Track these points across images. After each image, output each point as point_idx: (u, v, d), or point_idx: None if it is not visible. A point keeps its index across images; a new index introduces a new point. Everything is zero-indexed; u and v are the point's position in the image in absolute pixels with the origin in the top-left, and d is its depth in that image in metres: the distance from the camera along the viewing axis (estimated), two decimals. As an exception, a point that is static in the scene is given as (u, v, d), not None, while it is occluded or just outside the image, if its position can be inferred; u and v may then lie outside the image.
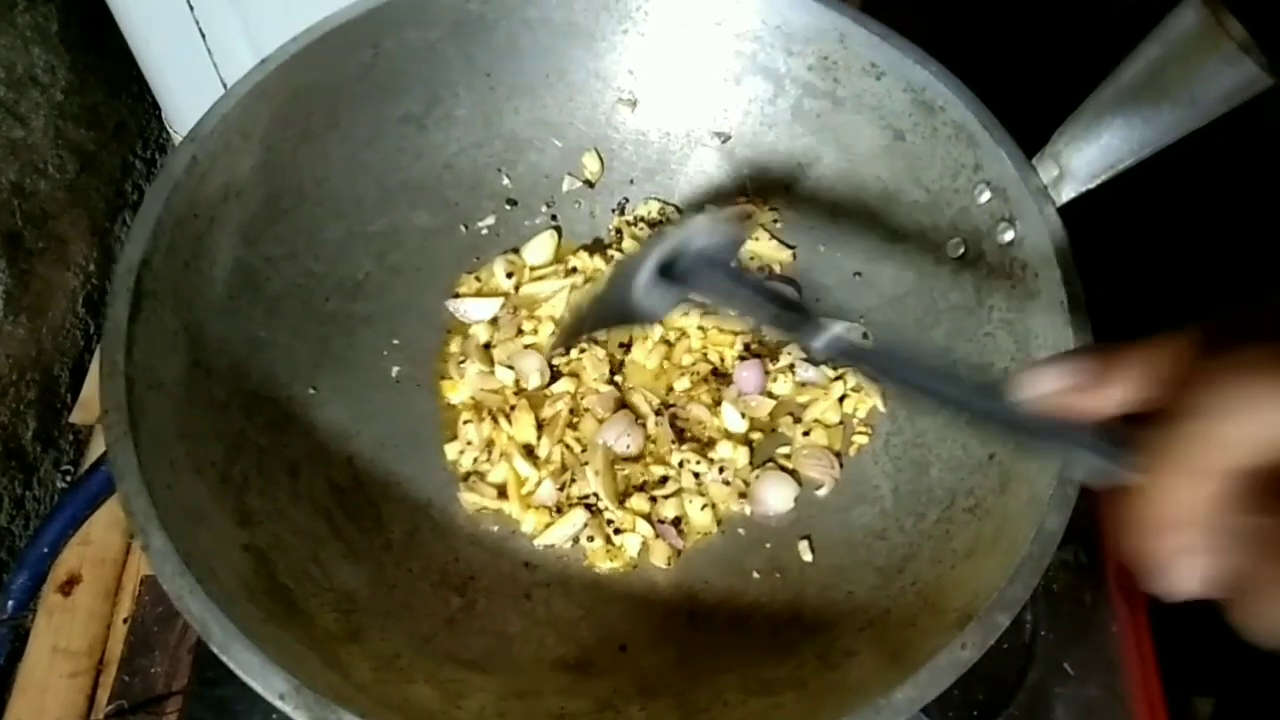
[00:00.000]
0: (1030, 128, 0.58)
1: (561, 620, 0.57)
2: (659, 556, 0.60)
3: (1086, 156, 0.54)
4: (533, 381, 0.65)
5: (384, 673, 0.49)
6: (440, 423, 0.65)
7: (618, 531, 0.60)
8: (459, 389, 0.66)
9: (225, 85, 0.59)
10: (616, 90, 0.71)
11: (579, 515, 0.60)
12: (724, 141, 0.71)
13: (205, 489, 0.51)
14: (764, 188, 0.71)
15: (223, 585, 0.46)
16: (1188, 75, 0.49)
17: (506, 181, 0.72)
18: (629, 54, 0.69)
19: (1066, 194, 0.56)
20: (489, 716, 0.48)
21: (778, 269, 0.70)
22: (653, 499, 0.62)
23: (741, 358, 0.67)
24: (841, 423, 0.65)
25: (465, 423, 0.64)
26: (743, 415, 0.65)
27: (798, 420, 0.65)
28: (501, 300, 0.68)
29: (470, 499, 0.61)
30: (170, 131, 0.91)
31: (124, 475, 0.47)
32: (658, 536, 0.60)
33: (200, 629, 0.44)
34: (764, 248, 0.71)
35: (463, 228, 0.71)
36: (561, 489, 0.61)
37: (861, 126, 0.65)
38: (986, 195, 0.59)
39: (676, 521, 0.61)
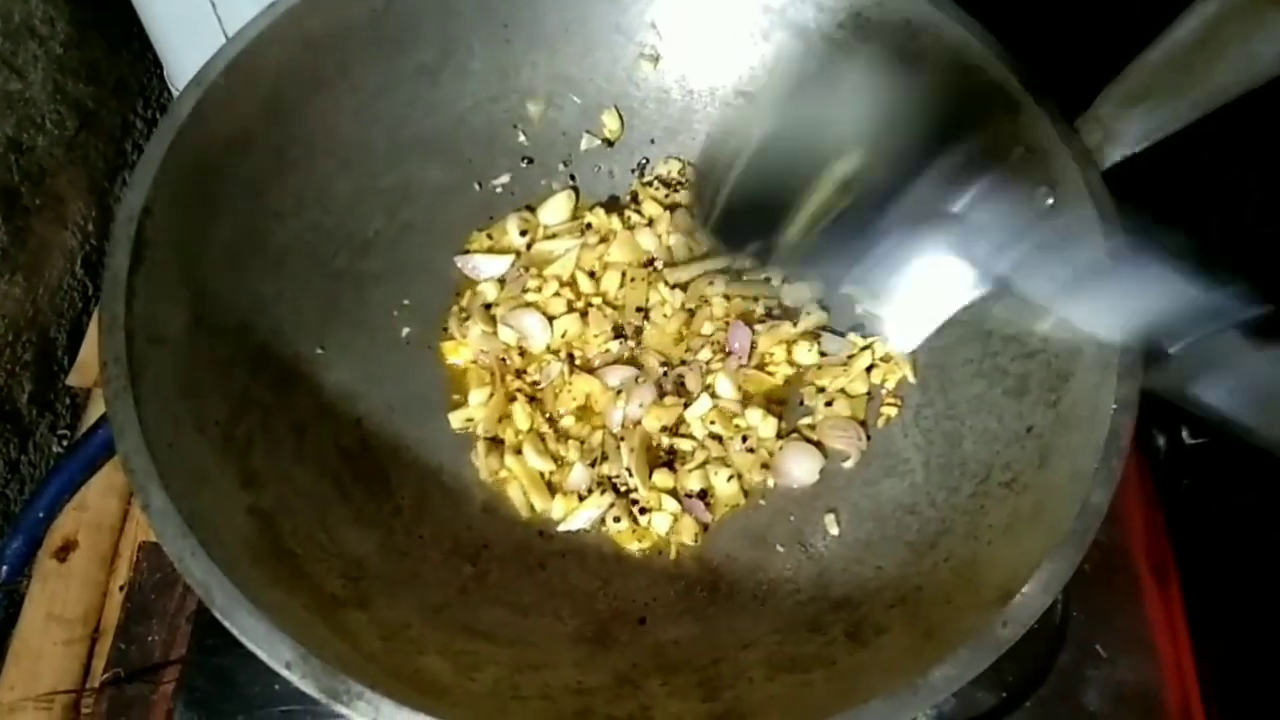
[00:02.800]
0: (1073, 89, 0.56)
1: (577, 591, 0.55)
2: (686, 533, 0.58)
3: (1134, 119, 0.52)
4: (537, 341, 0.63)
5: (394, 643, 0.47)
6: (451, 386, 0.63)
7: (643, 511, 0.58)
8: (460, 350, 0.64)
9: (229, 41, 0.57)
10: (638, 45, 0.68)
11: (605, 498, 0.58)
12: (749, 101, 0.69)
13: (208, 448, 0.50)
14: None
15: (226, 548, 0.45)
16: (1245, 33, 0.47)
17: (522, 138, 0.69)
18: (652, 7, 0.67)
19: (1111, 158, 0.54)
20: (503, 690, 0.46)
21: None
22: (673, 469, 0.60)
23: (760, 320, 0.65)
24: (869, 394, 0.62)
25: (473, 391, 0.62)
26: (739, 386, 0.62)
27: (821, 390, 0.63)
28: (512, 258, 0.66)
29: (489, 463, 0.60)
30: (172, 90, 0.89)
31: (124, 432, 0.45)
32: (685, 512, 0.58)
33: (202, 593, 0.42)
34: None
35: (476, 185, 0.69)
36: (592, 464, 0.59)
37: (895, 86, 0.63)
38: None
39: (703, 494, 0.59)
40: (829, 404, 0.62)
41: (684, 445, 0.60)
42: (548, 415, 0.62)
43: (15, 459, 0.79)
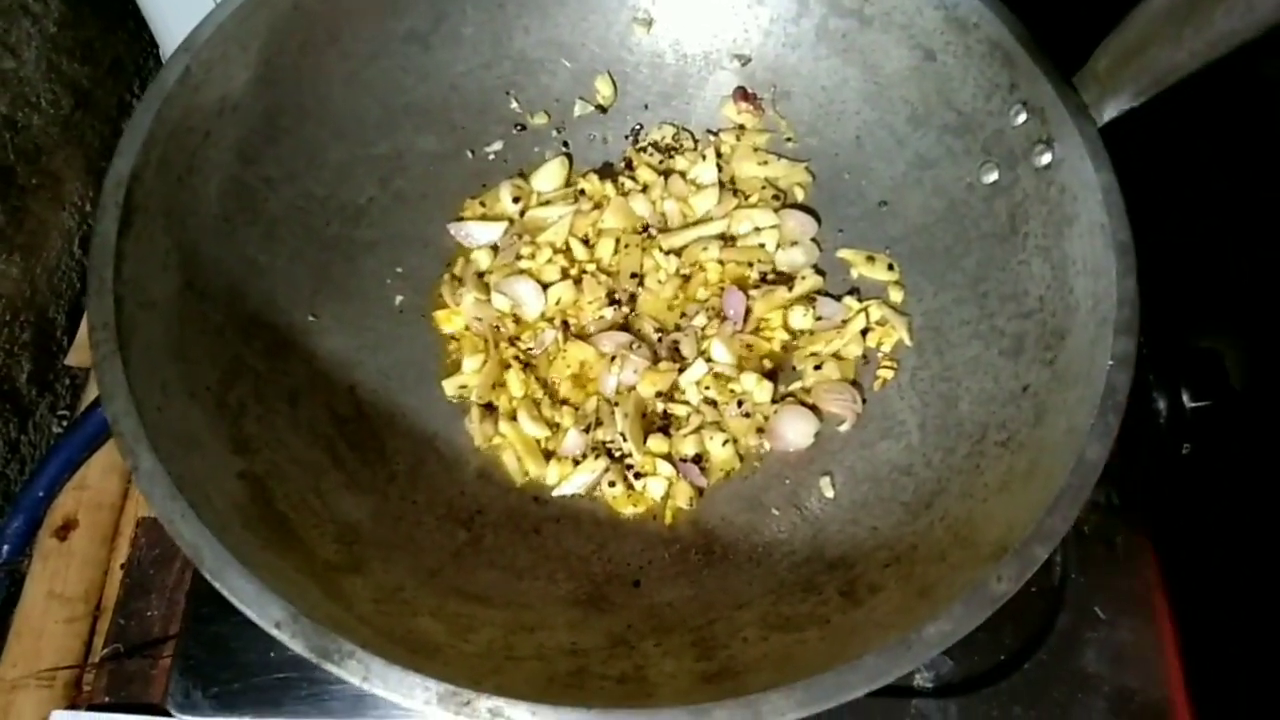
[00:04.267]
0: (1071, 44, 0.55)
1: (572, 555, 0.55)
2: (681, 498, 0.57)
3: (1131, 72, 0.51)
4: (531, 309, 0.63)
5: (387, 605, 0.47)
6: (444, 354, 0.63)
7: (638, 476, 0.58)
8: (454, 318, 0.63)
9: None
10: (631, 9, 0.68)
11: (599, 462, 0.58)
12: (744, 64, 0.68)
13: (200, 413, 0.49)
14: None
15: (216, 512, 0.45)
16: (1245, -19, 0.46)
17: (515, 105, 0.69)
18: (645, -29, 0.67)
19: (1109, 113, 0.53)
20: (498, 650, 0.46)
21: (799, 195, 0.67)
22: (668, 434, 0.59)
23: (755, 286, 0.64)
24: (865, 357, 0.62)
25: (466, 358, 0.62)
26: (734, 351, 0.62)
27: (814, 354, 0.62)
28: (505, 225, 0.66)
29: (483, 429, 0.59)
30: (168, 68, 0.88)
31: (112, 394, 0.45)
32: (680, 477, 0.58)
33: (192, 554, 0.42)
34: (777, 169, 0.68)
35: (469, 153, 0.68)
36: (586, 430, 0.59)
37: (890, 46, 0.63)
38: (1023, 117, 0.57)
39: (698, 459, 0.59)
40: (818, 367, 0.61)
41: (679, 410, 0.60)
42: (542, 382, 0.61)
43: (15, 439, 0.79)
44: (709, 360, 0.61)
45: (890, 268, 0.64)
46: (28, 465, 0.80)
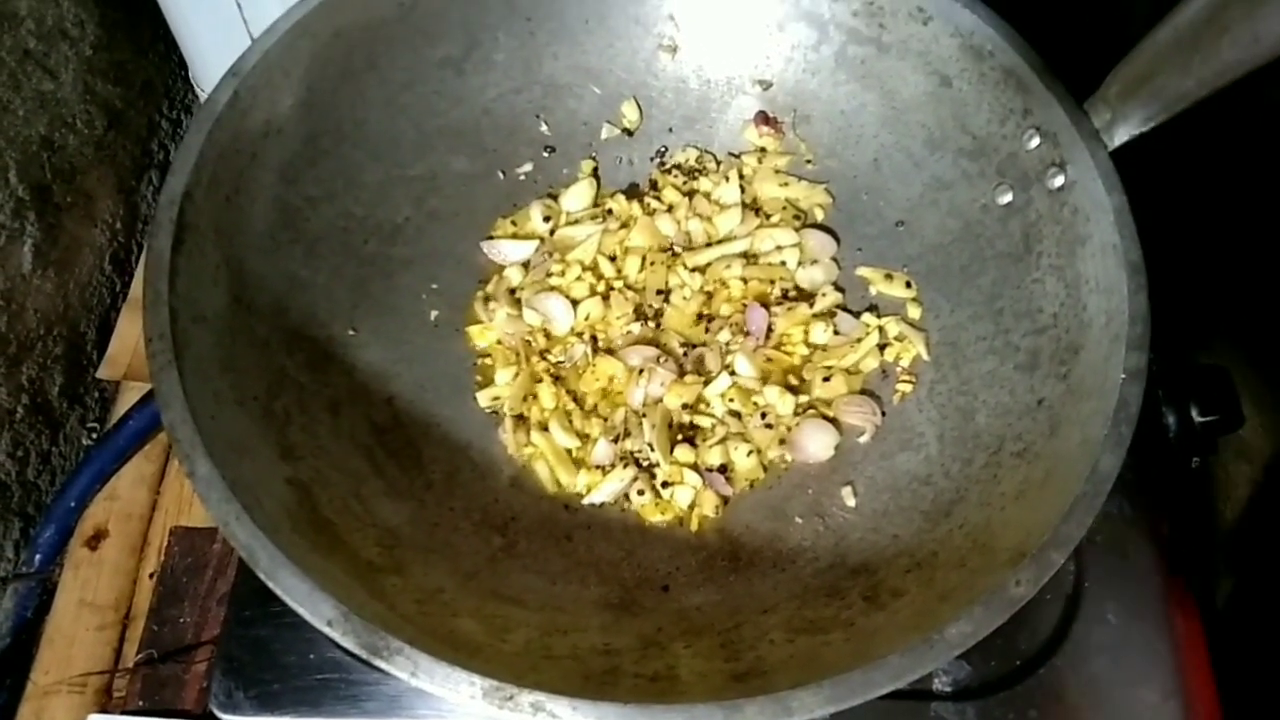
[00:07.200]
0: (1083, 71, 0.57)
1: (603, 561, 0.57)
2: (708, 506, 0.59)
3: (1141, 99, 0.53)
4: (561, 324, 0.65)
5: (428, 605, 0.48)
6: (478, 367, 0.65)
7: (665, 485, 0.60)
8: (486, 334, 0.65)
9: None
10: (657, 36, 0.70)
11: (627, 471, 0.60)
12: (765, 89, 0.71)
13: (248, 422, 0.51)
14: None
15: (267, 515, 0.46)
16: (1250, 11, 0.48)
17: (544, 128, 0.71)
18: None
19: (1120, 138, 0.55)
20: (535, 650, 0.48)
21: (819, 215, 0.69)
22: (694, 445, 0.61)
23: (777, 302, 0.66)
24: (885, 372, 0.64)
25: (499, 371, 0.64)
26: (771, 362, 0.64)
27: (828, 367, 0.64)
28: (536, 243, 0.68)
29: (516, 439, 0.61)
30: (198, 91, 0.90)
31: (169, 403, 0.47)
32: (706, 486, 0.59)
33: (246, 555, 0.44)
34: (798, 190, 0.70)
35: (500, 174, 0.70)
36: (615, 440, 0.61)
37: (906, 73, 0.65)
38: (1036, 141, 0.58)
39: (723, 469, 0.60)
40: (826, 379, 0.63)
41: (704, 422, 0.62)
42: (572, 394, 0.63)
43: (47, 450, 0.81)
44: (733, 374, 0.62)
45: (908, 285, 0.65)
46: (58, 476, 0.82)
